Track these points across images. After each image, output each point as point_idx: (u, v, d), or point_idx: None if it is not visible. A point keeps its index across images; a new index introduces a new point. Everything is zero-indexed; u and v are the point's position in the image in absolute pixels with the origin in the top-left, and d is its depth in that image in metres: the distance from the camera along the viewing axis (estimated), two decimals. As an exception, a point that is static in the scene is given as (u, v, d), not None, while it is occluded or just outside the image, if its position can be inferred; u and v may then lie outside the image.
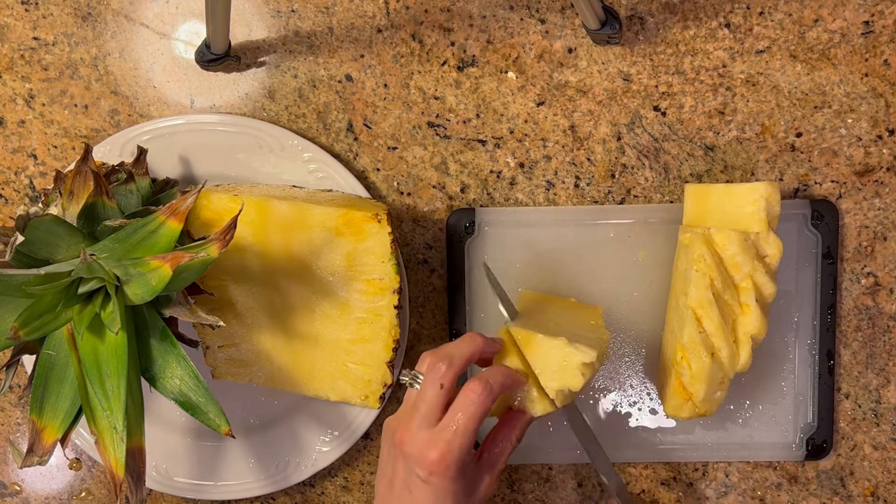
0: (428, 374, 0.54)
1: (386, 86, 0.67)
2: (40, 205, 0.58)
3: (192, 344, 0.61)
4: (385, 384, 0.63)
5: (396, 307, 0.61)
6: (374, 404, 0.63)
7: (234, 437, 0.55)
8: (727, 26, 0.65)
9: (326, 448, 0.68)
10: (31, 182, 0.70)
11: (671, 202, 0.67)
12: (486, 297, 0.68)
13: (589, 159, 0.67)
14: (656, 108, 0.67)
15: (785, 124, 0.66)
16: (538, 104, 0.67)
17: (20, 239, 0.52)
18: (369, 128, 0.68)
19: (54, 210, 0.56)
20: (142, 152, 0.63)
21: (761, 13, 0.65)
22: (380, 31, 0.67)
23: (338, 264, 0.61)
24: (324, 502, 0.72)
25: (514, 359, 0.58)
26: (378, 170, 0.68)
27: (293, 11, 0.67)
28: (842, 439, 0.69)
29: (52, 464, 0.73)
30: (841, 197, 0.67)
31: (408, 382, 0.55)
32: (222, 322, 0.53)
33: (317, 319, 0.62)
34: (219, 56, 0.65)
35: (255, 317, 0.63)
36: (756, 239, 0.60)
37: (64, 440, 0.54)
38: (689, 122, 0.67)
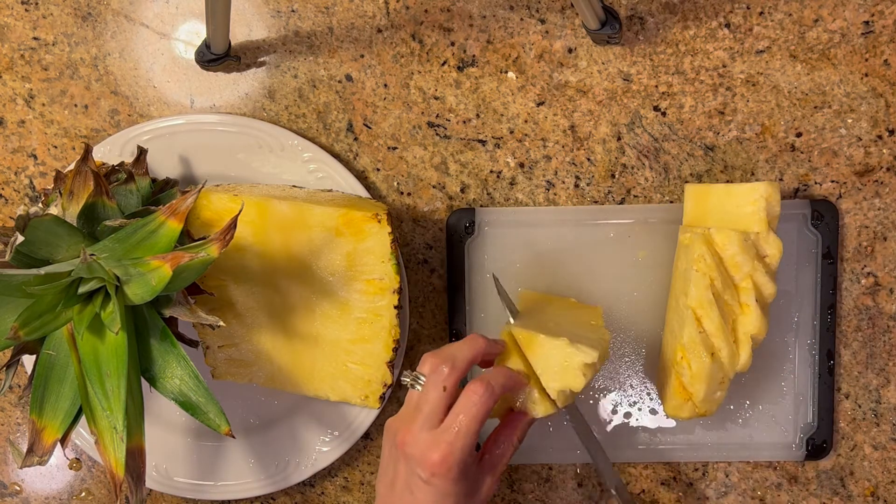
0: (431, 376, 0.54)
1: (386, 86, 0.67)
2: (40, 205, 0.58)
3: (192, 344, 0.61)
4: (385, 384, 0.63)
5: (396, 307, 0.61)
6: (374, 404, 0.63)
7: (234, 437, 0.55)
8: (727, 26, 0.65)
9: (326, 448, 0.68)
10: (31, 182, 0.70)
11: (671, 202, 0.67)
12: (486, 298, 0.68)
13: (589, 159, 0.67)
14: (656, 108, 0.67)
15: (785, 124, 0.66)
16: (538, 104, 0.67)
17: (20, 239, 0.52)
18: (369, 128, 0.68)
19: (54, 210, 0.56)
20: (142, 152, 0.63)
21: (761, 13, 0.65)
22: (380, 31, 0.67)
23: (338, 264, 0.61)
24: (324, 502, 0.72)
25: (516, 360, 0.58)
26: (378, 170, 0.68)
27: (293, 11, 0.67)
28: (842, 439, 0.69)
29: (52, 464, 0.73)
30: (841, 197, 0.67)
31: (409, 383, 0.55)
32: (222, 322, 0.53)
33: (317, 319, 0.62)
34: (219, 56, 0.65)
35: (255, 317, 0.63)
36: (756, 239, 0.60)
37: (64, 440, 0.54)
38: (689, 122, 0.67)
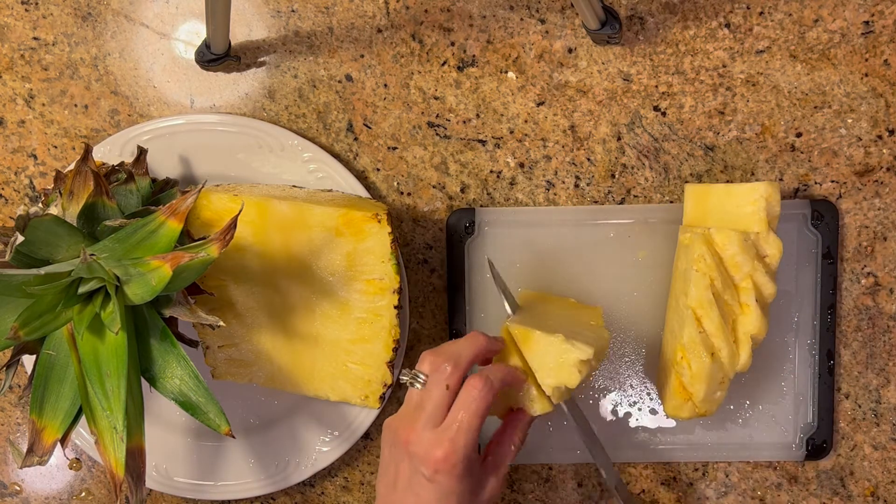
0: (433, 375, 0.54)
1: (386, 86, 0.67)
2: (40, 205, 0.58)
3: (192, 344, 0.61)
4: (385, 384, 0.63)
5: (396, 307, 0.61)
6: (374, 404, 0.63)
7: (234, 437, 0.55)
8: (727, 26, 0.65)
9: (326, 448, 0.68)
10: (31, 182, 0.70)
11: (671, 202, 0.67)
12: (486, 297, 0.68)
13: (589, 159, 0.67)
14: (656, 108, 0.67)
15: (785, 124, 0.66)
16: (538, 104, 0.67)
17: (20, 239, 0.52)
18: (369, 128, 0.68)
19: (54, 210, 0.56)
20: (142, 152, 0.63)
21: (761, 13, 0.65)
22: (380, 31, 0.67)
23: (338, 264, 0.61)
24: (324, 502, 0.72)
25: (514, 358, 0.58)
26: (378, 170, 0.68)
27: (293, 11, 0.67)
28: (842, 439, 0.69)
29: (52, 464, 0.73)
30: (841, 197, 0.67)
31: (408, 382, 0.55)
32: (222, 322, 0.53)
33: (317, 319, 0.62)
34: (219, 56, 0.65)
35: (255, 317, 0.63)
36: (756, 239, 0.60)
37: (64, 440, 0.54)
38: (689, 122, 0.67)
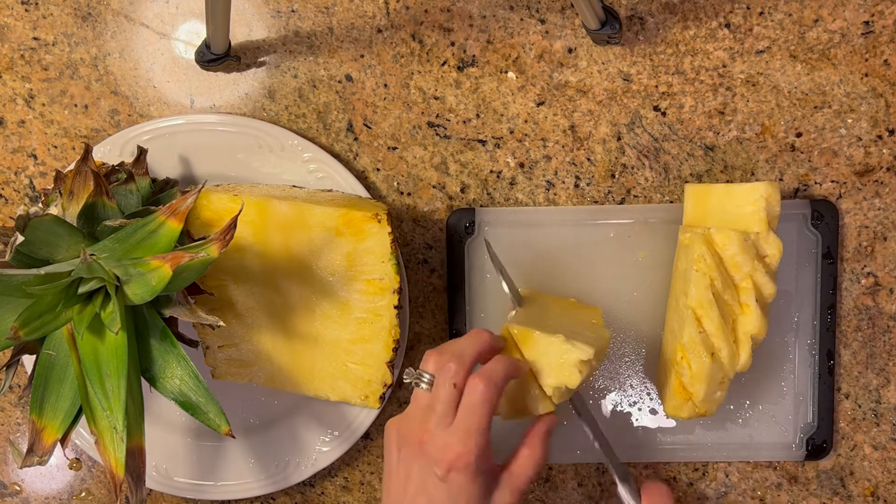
0: (439, 375, 0.54)
1: (386, 86, 0.67)
2: (40, 205, 0.58)
3: (192, 344, 0.61)
4: (385, 384, 0.63)
5: (396, 307, 0.61)
6: (374, 404, 0.63)
7: (234, 437, 0.55)
8: (727, 26, 0.65)
9: (326, 448, 0.68)
10: (31, 182, 0.70)
11: (671, 202, 0.67)
12: (486, 297, 0.68)
13: (589, 159, 0.67)
14: (656, 108, 0.67)
15: (785, 124, 0.66)
16: (538, 104, 0.67)
17: (20, 239, 0.52)
18: (369, 128, 0.68)
19: (54, 210, 0.56)
20: (142, 152, 0.63)
21: (761, 13, 0.65)
22: (380, 31, 0.67)
23: (338, 264, 0.61)
24: (324, 502, 0.72)
25: (515, 357, 0.58)
26: (378, 170, 0.68)
27: (293, 11, 0.67)
28: (842, 439, 0.69)
29: (52, 464, 0.73)
30: (841, 197, 0.67)
31: (413, 382, 0.55)
32: (222, 322, 0.53)
33: (317, 319, 0.62)
34: (219, 56, 0.65)
35: (255, 317, 0.63)
36: (756, 239, 0.60)
37: (64, 440, 0.54)
38: (689, 122, 0.67)
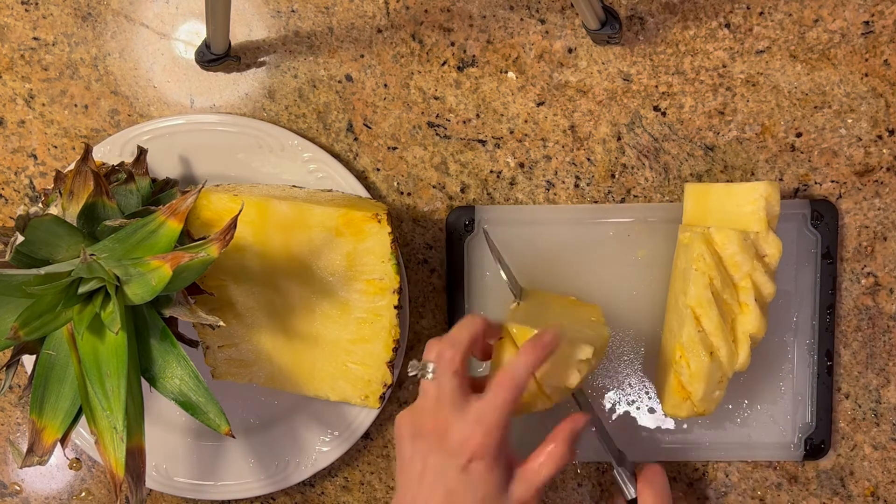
0: (440, 364, 0.54)
1: (386, 86, 0.67)
2: (40, 205, 0.58)
3: (192, 344, 0.61)
4: (385, 384, 0.63)
5: (396, 307, 0.61)
6: (374, 404, 0.63)
7: (234, 437, 0.55)
8: (727, 26, 0.65)
9: (326, 448, 0.68)
10: (31, 182, 0.70)
11: (671, 202, 0.67)
12: (485, 296, 0.68)
13: (589, 159, 0.67)
14: (656, 108, 0.67)
15: (785, 124, 0.66)
16: (538, 104, 0.67)
17: (20, 239, 0.52)
18: (369, 128, 0.68)
19: (54, 210, 0.56)
20: (142, 152, 0.63)
21: (761, 13, 0.65)
22: (380, 31, 0.67)
23: (338, 264, 0.61)
24: (324, 502, 0.72)
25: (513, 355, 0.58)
26: (378, 170, 0.68)
27: (293, 11, 0.67)
28: (842, 439, 0.69)
29: (52, 464, 0.73)
30: (841, 197, 0.67)
31: (419, 373, 0.55)
32: (222, 322, 0.53)
33: (317, 319, 0.62)
34: (219, 56, 0.65)
35: (255, 317, 0.63)
36: (755, 238, 0.60)
37: (64, 440, 0.54)
38: (689, 122, 0.67)
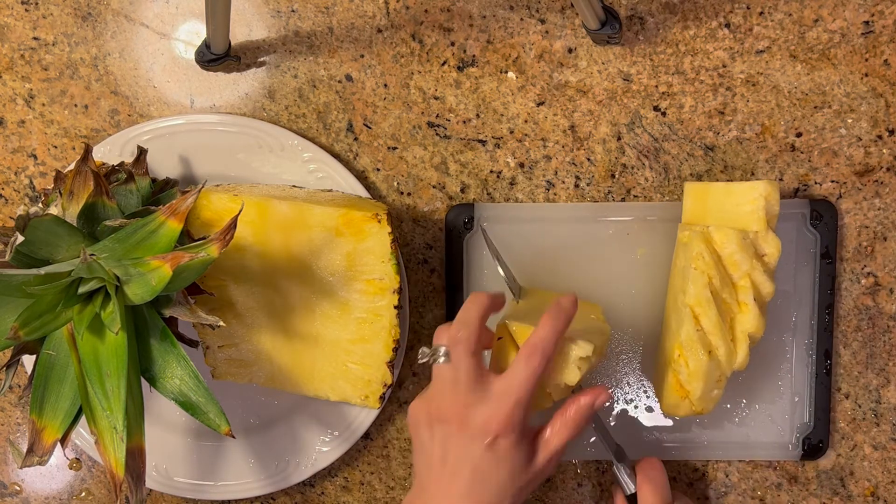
0: (454, 347, 0.55)
1: (386, 86, 0.67)
2: (40, 205, 0.58)
3: (192, 344, 0.61)
4: (385, 384, 0.63)
5: (396, 307, 0.61)
6: (374, 404, 0.63)
7: (234, 437, 0.55)
8: (727, 26, 0.65)
9: (326, 448, 0.68)
10: (31, 182, 0.70)
11: (671, 201, 0.67)
12: (485, 297, 0.68)
13: (589, 159, 0.67)
14: (656, 108, 0.67)
15: (785, 124, 0.66)
16: (538, 104, 0.67)
17: (20, 239, 0.52)
18: (369, 128, 0.68)
19: (54, 210, 0.56)
20: (142, 152, 0.63)
21: (761, 13, 0.65)
22: (380, 31, 0.67)
23: (338, 264, 0.61)
24: (324, 502, 0.72)
25: (513, 355, 0.58)
26: (378, 170, 0.68)
27: (293, 11, 0.67)
28: (842, 439, 0.69)
29: (52, 464, 0.73)
30: (841, 197, 0.67)
31: (430, 359, 0.56)
32: (222, 322, 0.53)
33: (317, 319, 0.62)
34: (219, 56, 0.65)
35: (255, 317, 0.63)
36: (755, 238, 0.60)
37: (64, 440, 0.54)
38: (689, 122, 0.67)
